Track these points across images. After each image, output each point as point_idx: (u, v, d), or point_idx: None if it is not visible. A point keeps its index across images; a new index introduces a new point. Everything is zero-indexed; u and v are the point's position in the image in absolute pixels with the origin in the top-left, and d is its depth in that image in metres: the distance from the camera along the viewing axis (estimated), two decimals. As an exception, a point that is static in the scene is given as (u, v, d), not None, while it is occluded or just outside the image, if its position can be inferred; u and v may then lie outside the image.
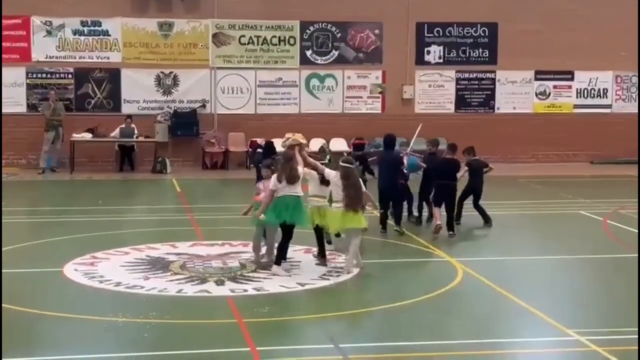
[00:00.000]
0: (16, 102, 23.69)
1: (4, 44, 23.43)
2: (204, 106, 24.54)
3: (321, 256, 11.72)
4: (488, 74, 25.79)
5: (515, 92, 25.92)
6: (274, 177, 11.03)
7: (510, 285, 10.64)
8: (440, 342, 8.51)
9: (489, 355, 8.20)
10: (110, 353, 8.14)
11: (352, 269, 11.22)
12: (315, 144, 23.63)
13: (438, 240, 13.58)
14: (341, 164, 11.30)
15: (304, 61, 24.89)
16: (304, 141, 11.55)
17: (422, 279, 11.34)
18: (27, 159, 23.61)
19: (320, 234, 11.67)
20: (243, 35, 24.56)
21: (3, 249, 12.22)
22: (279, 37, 24.68)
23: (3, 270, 10.75)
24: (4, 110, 23.35)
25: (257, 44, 24.59)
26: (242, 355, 8.02)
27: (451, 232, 13.79)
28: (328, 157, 14.58)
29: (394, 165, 14.08)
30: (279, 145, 12.71)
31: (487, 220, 14.94)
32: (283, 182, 10.93)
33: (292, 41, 24.78)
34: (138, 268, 11.46)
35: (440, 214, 13.85)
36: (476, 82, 25.79)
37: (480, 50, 25.67)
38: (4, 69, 23.46)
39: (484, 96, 25.84)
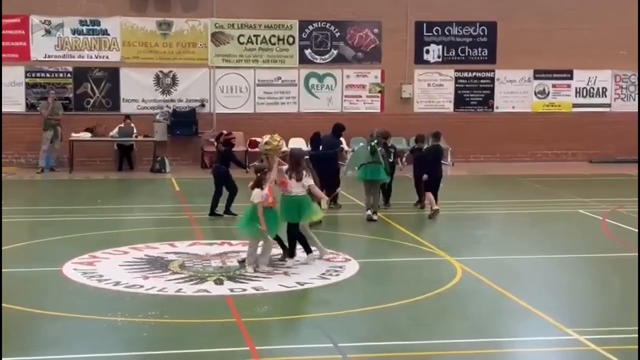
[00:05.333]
0: (15, 101, 23.70)
1: (2, 43, 23.39)
2: (203, 105, 24.55)
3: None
4: (487, 73, 25.79)
5: (514, 91, 25.93)
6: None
7: (510, 284, 10.64)
8: (440, 341, 8.51)
9: (488, 354, 8.19)
10: (109, 352, 8.12)
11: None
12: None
13: (438, 240, 13.58)
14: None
15: (303, 60, 24.90)
16: (280, 143, 11.70)
17: (422, 278, 11.30)
18: (26, 159, 23.60)
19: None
20: (242, 35, 24.56)
21: (6, 248, 12.25)
22: (278, 36, 24.69)
23: (5, 269, 10.78)
24: (2, 109, 23.31)
25: (256, 43, 24.60)
26: (241, 355, 8.01)
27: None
28: (375, 140, 15.39)
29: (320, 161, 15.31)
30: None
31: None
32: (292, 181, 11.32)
33: (291, 40, 24.78)
34: (137, 267, 11.43)
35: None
36: (475, 81, 25.80)
37: (479, 49, 25.68)
38: (2, 68, 23.42)
39: (482, 95, 25.85)
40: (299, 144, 23.21)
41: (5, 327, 8.62)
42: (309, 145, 16.71)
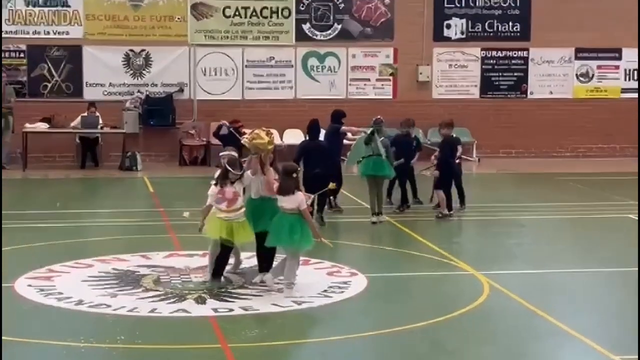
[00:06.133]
0: (-42, 86, 23.77)
1: None
2: (181, 90, 24.58)
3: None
4: (519, 52, 25.80)
5: (552, 74, 25.95)
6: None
7: (545, 302, 10.65)
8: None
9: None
10: (71, 384, 8.14)
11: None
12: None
13: (462, 250, 13.55)
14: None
15: (301, 37, 24.94)
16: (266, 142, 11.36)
17: (442, 296, 11.32)
18: (-28, 153, 23.62)
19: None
20: (228, 7, 24.62)
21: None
22: (271, 9, 24.74)
23: None
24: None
25: (245, 17, 24.64)
26: (227, 386, 8.05)
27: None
28: (371, 129, 15.79)
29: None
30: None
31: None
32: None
33: (286, 13, 24.82)
34: (104, 283, 11.40)
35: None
36: (505, 62, 25.81)
37: (511, 23, 25.71)
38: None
39: (514, 78, 25.88)
40: (296, 136, 23.27)
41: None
42: (306, 136, 16.69)
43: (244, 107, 24.45)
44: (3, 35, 23.89)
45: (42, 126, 23.26)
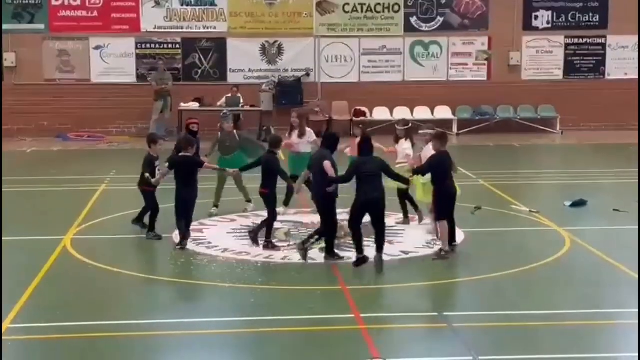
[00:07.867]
0: (126, 72, 24.20)
1: (114, 14, 23.97)
2: (308, 75, 24.60)
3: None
4: (599, 39, 25.06)
5: (627, 58, 25.12)
6: None
7: (622, 255, 10.36)
8: (547, 311, 8.42)
9: (596, 325, 8.09)
10: (219, 317, 8.33)
11: None
12: (421, 113, 23.54)
13: (546, 209, 13.22)
14: None
15: (408, 28, 24.65)
16: None
17: (529, 248, 11.14)
18: (137, 128, 24.08)
19: None
20: (347, 3, 24.46)
21: (120, 215, 12.78)
22: (383, 4, 24.49)
23: (119, 235, 11.45)
24: (114, 80, 24.05)
25: (361, 12, 24.47)
26: (347, 321, 8.09)
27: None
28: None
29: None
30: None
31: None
32: None
33: (396, 8, 24.56)
34: (244, 235, 11.51)
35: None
36: (586, 48, 25.09)
37: (591, 14, 24.93)
38: (114, 39, 24.01)
39: (594, 62, 25.13)
40: (404, 113, 23.16)
41: (123, 292, 9.14)
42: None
43: (359, 89, 24.34)
44: (163, 30, 24.23)
45: (194, 105, 23.25)
